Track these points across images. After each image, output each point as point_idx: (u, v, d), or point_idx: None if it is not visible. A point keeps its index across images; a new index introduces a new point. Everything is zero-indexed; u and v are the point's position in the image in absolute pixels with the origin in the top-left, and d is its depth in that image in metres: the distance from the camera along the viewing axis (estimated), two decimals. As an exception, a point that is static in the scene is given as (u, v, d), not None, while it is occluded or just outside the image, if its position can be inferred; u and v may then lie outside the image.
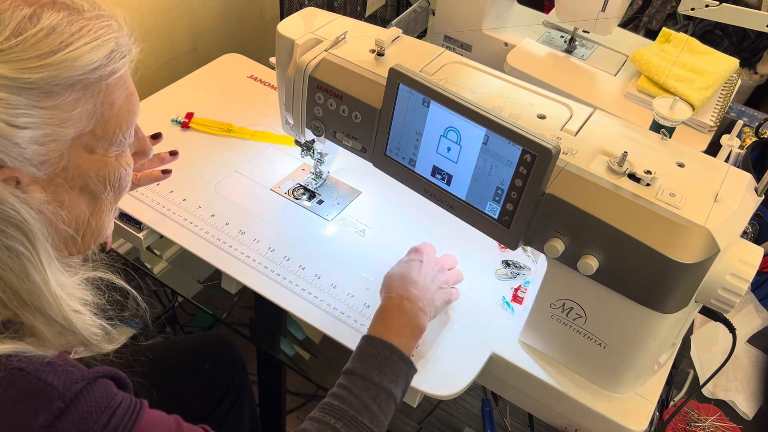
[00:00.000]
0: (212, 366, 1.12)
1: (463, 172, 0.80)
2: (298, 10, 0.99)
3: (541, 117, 0.82)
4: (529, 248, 1.03)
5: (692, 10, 1.04)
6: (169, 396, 0.97)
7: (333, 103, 0.89)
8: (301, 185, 1.12)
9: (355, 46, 0.91)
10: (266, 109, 1.26)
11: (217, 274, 1.04)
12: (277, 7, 1.62)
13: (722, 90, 1.32)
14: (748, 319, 1.13)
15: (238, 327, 1.10)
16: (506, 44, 1.42)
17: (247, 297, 1.10)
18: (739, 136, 1.12)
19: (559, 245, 0.75)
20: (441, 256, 0.95)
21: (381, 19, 1.75)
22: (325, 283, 0.97)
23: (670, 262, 0.69)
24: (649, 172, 0.73)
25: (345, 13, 1.58)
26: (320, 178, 1.13)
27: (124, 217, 1.02)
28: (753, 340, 1.10)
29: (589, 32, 1.36)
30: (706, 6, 1.03)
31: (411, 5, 1.61)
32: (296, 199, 1.10)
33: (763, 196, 0.78)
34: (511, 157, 0.74)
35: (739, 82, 1.36)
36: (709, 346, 1.07)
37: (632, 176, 0.74)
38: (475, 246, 1.03)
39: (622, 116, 0.93)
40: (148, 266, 1.09)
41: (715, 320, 0.84)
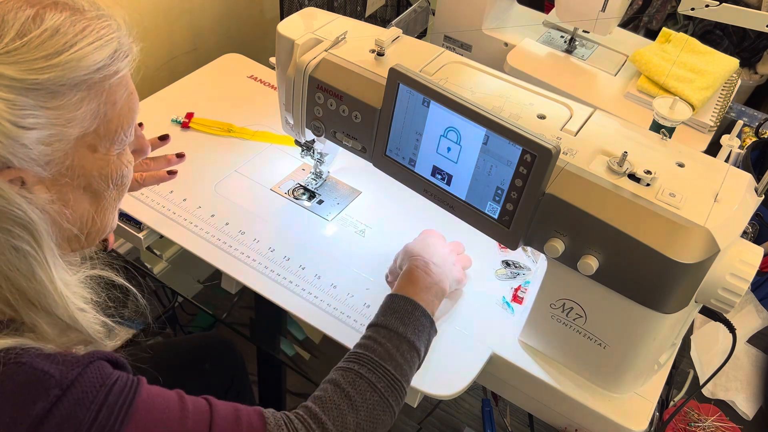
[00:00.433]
0: (212, 366, 1.12)
1: (463, 172, 0.80)
2: (298, 10, 0.99)
3: (541, 117, 0.82)
4: (529, 248, 1.03)
5: (692, 10, 1.04)
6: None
7: (333, 103, 0.89)
8: (301, 185, 1.12)
9: (355, 46, 0.91)
10: (266, 109, 1.26)
11: (217, 274, 1.04)
12: (277, 7, 1.62)
13: (722, 90, 1.32)
14: (748, 319, 1.13)
15: (238, 327, 1.10)
16: (506, 44, 1.42)
17: (247, 297, 1.10)
18: (739, 136, 1.12)
19: (559, 245, 0.75)
20: (450, 242, 0.98)
21: (381, 19, 1.75)
22: (325, 283, 0.97)
23: (670, 262, 0.69)
24: (649, 172, 0.73)
25: (345, 13, 1.58)
26: (320, 178, 1.13)
27: (124, 217, 1.02)
28: (753, 340, 1.10)
29: (589, 32, 1.36)
30: (706, 6, 1.03)
31: (411, 5, 1.61)
32: (296, 199, 1.10)
33: (763, 196, 0.78)
34: (511, 157, 0.74)
35: (739, 82, 1.36)
36: (709, 346, 1.07)
37: (632, 176, 0.74)
38: (475, 246, 1.03)
39: (622, 116, 0.93)
40: (148, 266, 1.09)
41: (715, 320, 0.84)
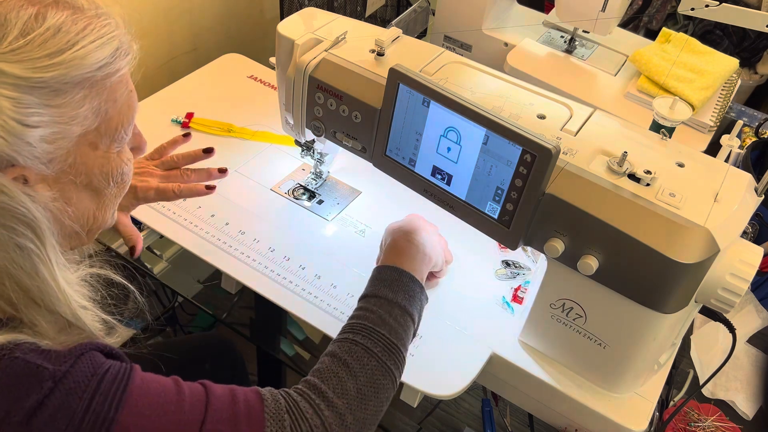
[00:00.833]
0: (212, 366, 1.12)
1: (463, 172, 0.80)
2: (298, 10, 0.99)
3: (541, 117, 0.82)
4: (529, 248, 1.03)
5: (692, 10, 1.04)
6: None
7: (333, 103, 0.89)
8: (301, 185, 1.12)
9: (355, 46, 0.91)
10: (266, 109, 1.26)
11: (217, 274, 1.04)
12: (277, 7, 1.62)
13: (722, 90, 1.32)
14: (748, 319, 1.13)
15: (238, 327, 1.10)
16: (506, 44, 1.42)
17: (247, 297, 1.10)
18: (739, 136, 1.12)
19: (559, 245, 0.75)
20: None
21: (381, 19, 1.75)
22: (325, 283, 0.97)
23: (670, 262, 0.69)
24: (649, 172, 0.73)
25: (345, 13, 1.58)
26: (320, 178, 1.13)
27: (124, 217, 1.02)
28: (753, 340, 1.10)
29: (589, 32, 1.36)
30: (706, 6, 1.03)
31: (411, 5, 1.61)
32: (296, 199, 1.10)
33: (763, 196, 0.78)
34: (511, 157, 0.74)
35: (739, 82, 1.36)
36: (709, 346, 1.07)
37: (632, 176, 0.74)
38: (475, 246, 1.03)
39: (622, 116, 0.93)
40: (148, 266, 1.09)
41: (715, 320, 0.84)
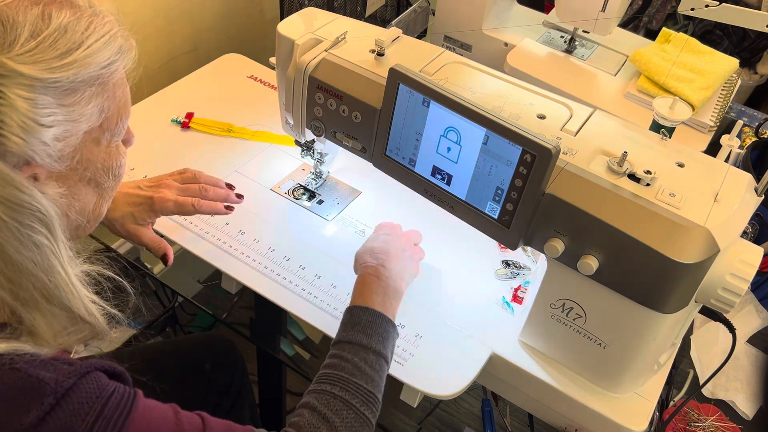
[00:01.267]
0: (212, 366, 1.12)
1: (463, 172, 0.80)
2: (298, 10, 0.99)
3: (541, 117, 0.82)
4: (529, 248, 1.03)
5: (692, 10, 1.04)
6: (169, 396, 0.97)
7: (333, 103, 0.89)
8: (301, 185, 1.12)
9: (355, 46, 0.91)
10: (266, 109, 1.26)
11: (217, 274, 1.04)
12: (277, 7, 1.62)
13: (722, 90, 1.32)
14: (748, 319, 1.13)
15: (238, 327, 1.10)
16: (506, 44, 1.42)
17: (247, 297, 1.09)
18: (739, 136, 1.12)
19: (559, 245, 0.75)
20: (407, 231, 0.97)
21: (381, 19, 1.75)
22: (325, 283, 0.97)
23: (670, 262, 0.69)
24: (649, 172, 0.73)
25: (345, 13, 1.58)
26: (320, 178, 1.13)
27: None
28: (753, 340, 1.10)
29: (589, 32, 1.36)
30: (706, 6, 1.03)
31: (411, 5, 1.61)
32: (296, 199, 1.10)
33: (763, 196, 0.78)
34: (511, 157, 0.74)
35: (739, 82, 1.36)
36: (709, 346, 1.07)
37: (632, 176, 0.74)
38: (475, 246, 1.03)
39: (622, 116, 0.93)
40: (148, 266, 1.09)
41: (715, 320, 0.84)
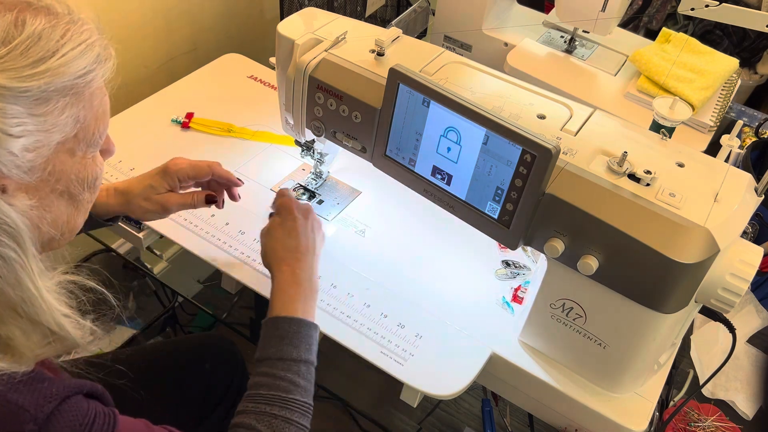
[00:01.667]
0: (212, 366, 1.12)
1: (463, 172, 0.80)
2: (298, 10, 0.99)
3: (541, 117, 0.82)
4: (529, 248, 1.03)
5: (692, 10, 1.04)
6: (169, 396, 0.97)
7: (333, 103, 0.89)
8: (301, 185, 1.12)
9: (355, 46, 0.91)
10: (266, 109, 1.26)
11: (217, 274, 1.04)
12: (277, 7, 1.62)
13: (722, 90, 1.32)
14: (748, 319, 1.13)
15: (238, 327, 1.10)
16: (506, 44, 1.42)
17: (247, 297, 1.10)
18: (739, 136, 1.12)
19: (559, 245, 0.75)
20: (300, 203, 0.93)
21: (381, 19, 1.75)
22: (326, 283, 0.97)
23: (670, 262, 0.69)
24: (649, 172, 0.73)
25: (345, 13, 1.58)
26: (320, 178, 1.13)
27: (125, 218, 1.02)
28: (753, 340, 1.10)
29: (589, 32, 1.36)
30: (706, 6, 1.03)
31: (411, 5, 1.61)
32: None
33: (763, 196, 0.78)
34: (511, 157, 0.74)
35: (739, 82, 1.36)
36: (709, 346, 1.07)
37: (632, 176, 0.74)
38: (475, 246, 1.03)
39: (622, 116, 0.93)
40: (148, 266, 1.09)
41: (715, 320, 0.84)
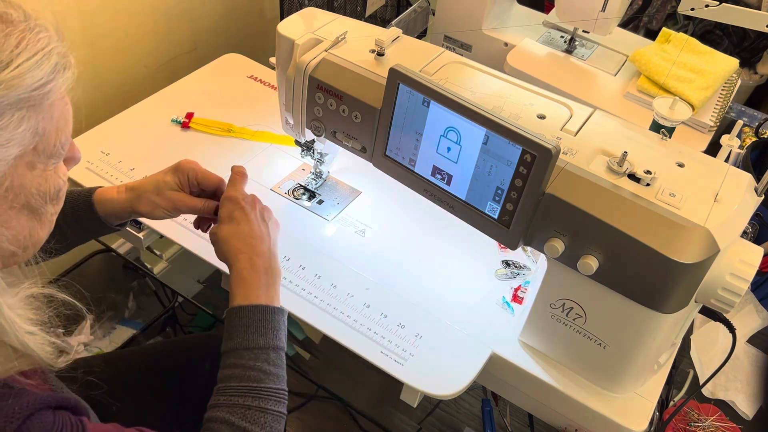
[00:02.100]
0: (212, 366, 1.12)
1: (463, 172, 0.80)
2: (298, 10, 0.99)
3: (541, 117, 0.82)
4: (529, 248, 1.03)
5: (692, 10, 1.04)
6: (170, 396, 0.97)
7: (333, 103, 0.89)
8: (301, 185, 1.12)
9: (355, 46, 0.91)
10: (266, 109, 1.26)
11: (217, 274, 1.04)
12: (277, 7, 1.62)
13: (722, 90, 1.32)
14: (748, 319, 1.13)
15: (238, 327, 1.10)
16: (506, 44, 1.42)
17: (247, 297, 1.09)
18: (739, 136, 1.12)
19: (559, 245, 0.75)
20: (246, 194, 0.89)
21: (381, 19, 1.76)
22: (325, 283, 0.97)
23: (670, 262, 0.69)
24: (649, 172, 0.73)
25: (345, 13, 1.58)
26: (320, 178, 1.13)
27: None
28: (753, 340, 1.10)
29: (589, 32, 1.36)
30: (706, 6, 1.03)
31: (411, 5, 1.61)
32: (296, 199, 1.10)
33: (763, 196, 0.78)
34: (511, 157, 0.74)
35: (739, 82, 1.36)
36: (709, 346, 1.07)
37: (632, 176, 0.74)
38: (475, 246, 1.03)
39: (622, 116, 0.93)
40: (148, 266, 1.09)
41: (715, 320, 0.84)
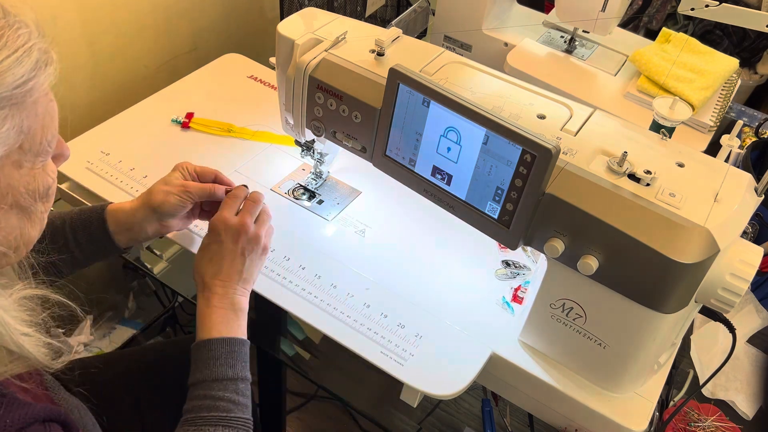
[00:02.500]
0: (212, 366, 1.12)
1: (463, 172, 0.80)
2: (298, 10, 0.99)
3: (541, 117, 0.82)
4: (529, 248, 1.03)
5: (692, 10, 1.04)
6: (170, 396, 0.97)
7: (333, 103, 0.89)
8: (301, 185, 1.12)
9: (355, 46, 0.91)
10: (266, 109, 1.26)
11: (217, 274, 1.04)
12: (277, 7, 1.62)
13: (722, 90, 1.32)
14: (748, 319, 1.13)
15: (238, 327, 1.10)
16: (506, 44, 1.42)
17: (247, 297, 1.09)
18: (739, 136, 1.12)
19: (559, 245, 0.75)
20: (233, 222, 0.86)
21: (381, 19, 1.76)
22: (325, 283, 0.97)
23: (670, 262, 0.69)
24: (649, 172, 0.73)
25: (345, 13, 1.58)
26: (320, 178, 1.13)
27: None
28: (753, 340, 1.10)
29: (589, 32, 1.36)
30: (706, 6, 1.03)
31: (411, 5, 1.61)
32: (296, 199, 1.10)
33: (763, 196, 0.78)
34: (511, 157, 0.74)
35: (739, 82, 1.36)
36: (709, 346, 1.07)
37: (632, 176, 0.74)
38: (475, 246, 1.03)
39: (622, 116, 0.93)
40: (148, 266, 1.09)
41: (715, 320, 0.84)
